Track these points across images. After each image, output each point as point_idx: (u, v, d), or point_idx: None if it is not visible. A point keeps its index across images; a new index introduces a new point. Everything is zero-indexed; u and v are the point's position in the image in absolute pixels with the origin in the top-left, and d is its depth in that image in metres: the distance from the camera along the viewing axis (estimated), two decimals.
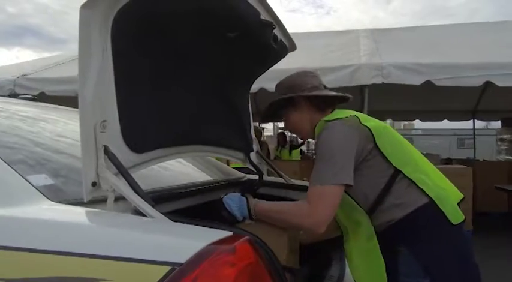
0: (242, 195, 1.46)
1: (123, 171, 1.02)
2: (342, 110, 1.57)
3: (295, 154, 8.81)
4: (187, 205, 1.46)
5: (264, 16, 1.58)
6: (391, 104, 8.31)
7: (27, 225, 0.89)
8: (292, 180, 2.28)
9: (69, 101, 8.56)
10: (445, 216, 1.38)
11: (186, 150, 1.54)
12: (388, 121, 11.85)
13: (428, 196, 1.38)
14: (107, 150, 1.02)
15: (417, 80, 5.50)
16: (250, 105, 2.17)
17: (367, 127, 1.41)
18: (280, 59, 1.98)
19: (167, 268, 0.78)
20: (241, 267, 0.83)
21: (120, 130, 1.11)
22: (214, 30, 1.42)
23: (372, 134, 1.40)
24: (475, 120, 9.78)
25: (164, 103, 1.34)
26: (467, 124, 10.35)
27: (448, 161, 8.97)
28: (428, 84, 5.46)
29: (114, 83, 1.09)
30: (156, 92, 1.29)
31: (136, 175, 1.08)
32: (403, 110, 9.72)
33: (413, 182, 1.39)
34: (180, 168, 1.88)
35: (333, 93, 1.59)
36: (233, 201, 1.43)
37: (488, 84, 5.30)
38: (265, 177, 2.21)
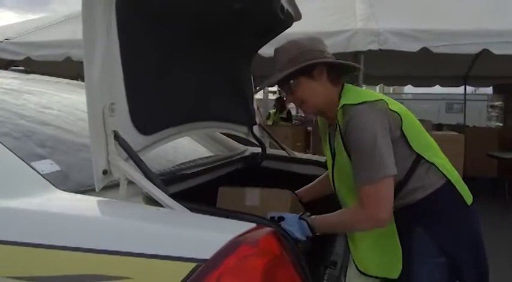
0: (300, 217, 1.40)
1: (135, 158, 0.97)
2: (355, 88, 1.48)
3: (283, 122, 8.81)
4: (195, 184, 1.42)
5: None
6: (384, 69, 8.24)
7: (42, 219, 0.85)
8: (295, 153, 2.26)
9: (56, 65, 8.38)
10: (462, 198, 1.40)
11: (192, 127, 1.49)
12: (378, 86, 11.84)
13: (447, 178, 1.39)
14: (117, 136, 0.97)
15: (414, 47, 5.41)
16: (252, 76, 2.11)
17: (396, 112, 1.34)
18: (285, 29, 1.90)
19: (192, 265, 0.74)
20: (266, 260, 0.80)
21: (129, 112, 1.05)
22: (221, 2, 1.33)
23: (401, 120, 1.34)
24: (467, 86, 9.79)
25: (170, 81, 1.27)
26: (457, 89, 10.39)
27: (439, 127, 9.03)
28: (424, 50, 5.40)
29: (121, 63, 1.02)
30: (162, 70, 1.22)
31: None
32: (395, 75, 9.66)
33: (433, 164, 1.38)
34: (183, 144, 1.83)
35: (352, 63, 1.47)
36: (293, 226, 1.37)
37: (483, 51, 5.26)
38: (268, 150, 2.18)
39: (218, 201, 1.67)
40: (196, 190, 1.47)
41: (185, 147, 1.85)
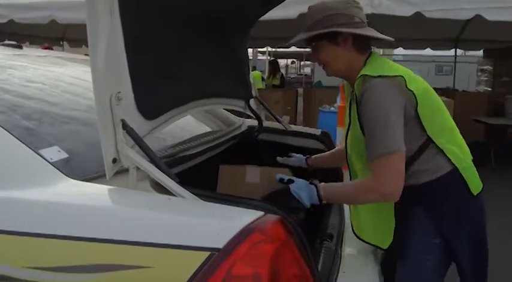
0: (310, 182, 1.41)
1: (144, 147, 0.99)
2: (381, 59, 1.43)
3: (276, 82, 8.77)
4: (197, 162, 1.45)
5: None
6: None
7: (58, 210, 0.87)
8: (291, 126, 2.29)
9: (41, 28, 8.10)
10: (468, 187, 1.40)
11: (192, 106, 1.49)
12: None
13: (454, 165, 1.38)
14: (125, 125, 0.98)
15: (407, 11, 5.38)
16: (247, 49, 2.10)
17: (412, 92, 1.32)
18: (284, 0, 1.88)
19: (206, 254, 0.78)
20: (274, 246, 0.85)
21: (134, 100, 1.05)
22: None
23: (416, 101, 1.32)
24: (457, 50, 9.77)
25: (171, 64, 1.27)
26: (447, 52, 10.36)
27: None
28: (417, 15, 5.36)
29: (125, 49, 1.01)
30: (163, 54, 1.22)
31: None
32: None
33: (442, 150, 1.37)
34: (182, 121, 1.84)
35: (381, 35, 1.41)
36: (301, 189, 1.38)
37: (475, 16, 5.24)
38: (264, 123, 2.21)
39: (219, 178, 1.71)
40: (198, 167, 1.50)
41: (185, 123, 1.86)
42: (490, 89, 8.22)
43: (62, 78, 1.61)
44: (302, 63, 29.98)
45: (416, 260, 1.47)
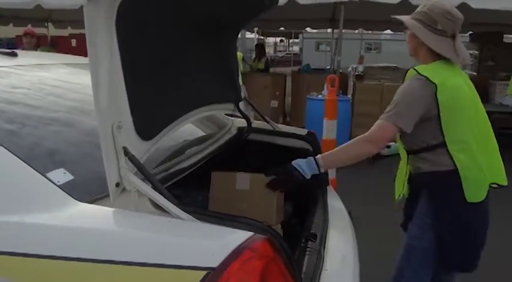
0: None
1: (145, 172, 1.09)
2: (440, 66, 1.72)
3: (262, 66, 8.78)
4: (191, 166, 1.55)
5: None
6: (363, 16, 8.19)
7: (70, 234, 0.97)
8: (278, 125, 2.39)
9: (25, 10, 7.92)
10: (462, 191, 1.65)
11: (185, 118, 1.58)
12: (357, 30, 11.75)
13: (456, 168, 1.66)
14: (126, 152, 1.07)
15: None
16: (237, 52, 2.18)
17: (437, 100, 1.63)
18: (271, 8, 1.95)
19: (203, 272, 0.90)
20: (263, 262, 0.97)
21: (133, 126, 1.14)
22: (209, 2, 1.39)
23: (438, 109, 1.64)
24: None
25: (165, 86, 1.36)
26: None
27: None
28: (404, 2, 5.42)
29: (124, 81, 1.09)
30: (158, 79, 1.30)
31: None
32: (374, 20, 9.57)
33: (450, 154, 1.66)
34: None
35: (451, 56, 1.72)
36: (301, 162, 1.70)
37: (461, 4, 5.31)
38: (253, 123, 2.30)
39: (211, 185, 1.82)
40: (193, 172, 1.61)
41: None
42: (475, 74, 8.35)
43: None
44: (291, 41, 29.78)
45: (414, 236, 1.82)
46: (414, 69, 1.71)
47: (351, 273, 1.65)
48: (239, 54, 7.62)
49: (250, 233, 0.99)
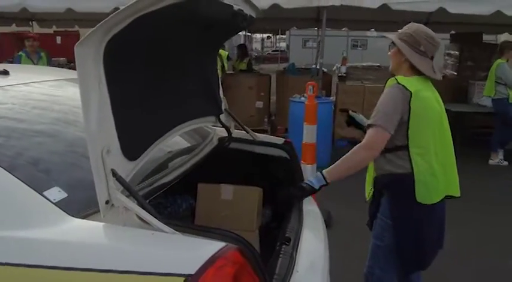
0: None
1: (131, 191, 1.23)
2: (415, 79, 1.96)
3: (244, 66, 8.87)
4: (176, 176, 1.71)
5: (238, 4, 1.68)
6: (347, 16, 8.37)
7: (66, 247, 1.12)
8: (257, 135, 2.54)
9: (8, 20, 7.93)
10: (414, 192, 1.90)
11: (168, 135, 1.73)
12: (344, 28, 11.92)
13: (412, 171, 1.91)
14: (114, 173, 1.22)
15: (374, 3, 5.62)
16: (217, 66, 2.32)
17: (409, 107, 1.89)
18: (247, 27, 2.11)
19: (182, 279, 1.05)
20: (235, 268, 1.13)
21: (121, 149, 1.29)
22: (192, 30, 1.53)
23: (409, 115, 1.89)
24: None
25: (149, 110, 1.50)
26: None
27: None
28: (384, 7, 5.61)
29: (111, 109, 1.24)
30: (143, 105, 1.45)
31: None
32: (359, 19, 9.73)
33: (410, 157, 1.91)
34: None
35: (428, 73, 1.96)
36: (311, 177, 1.98)
37: (439, 9, 5.51)
38: (234, 134, 2.46)
39: (198, 195, 1.98)
40: (178, 181, 1.77)
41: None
42: (455, 74, 8.58)
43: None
44: (278, 37, 29.87)
45: (377, 236, 2.06)
46: (395, 78, 1.97)
47: (320, 274, 1.82)
48: (223, 53, 7.66)
49: (223, 244, 1.15)
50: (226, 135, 2.39)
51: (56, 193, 1.26)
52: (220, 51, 8.33)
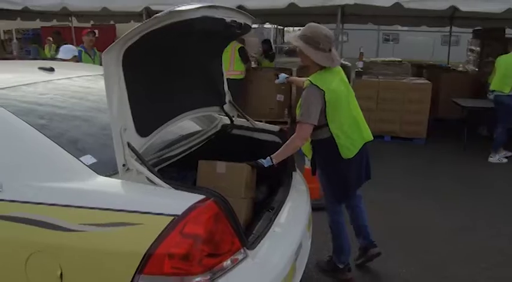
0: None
1: (141, 158, 1.71)
2: (323, 75, 2.62)
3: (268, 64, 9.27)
4: (186, 153, 2.18)
5: (230, 16, 2.11)
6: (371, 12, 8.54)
7: (100, 195, 1.61)
8: (256, 123, 2.98)
9: (50, 16, 8.71)
10: (338, 151, 2.67)
11: (177, 119, 2.22)
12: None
13: (332, 137, 2.65)
14: (129, 145, 1.70)
15: (387, 2, 5.86)
16: (222, 64, 2.77)
17: (324, 100, 2.55)
18: (244, 34, 2.54)
19: (171, 217, 1.52)
20: (211, 213, 1.59)
21: (134, 128, 1.77)
22: (193, 39, 2.00)
23: (325, 105, 2.57)
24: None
25: (159, 99, 1.98)
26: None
27: (419, 68, 9.49)
28: (397, 5, 5.85)
29: (128, 100, 1.72)
30: (153, 94, 1.93)
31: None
32: (382, 14, 9.87)
33: (330, 129, 2.64)
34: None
35: (329, 64, 2.61)
36: (262, 160, 2.56)
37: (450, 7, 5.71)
38: (236, 121, 2.91)
39: (198, 170, 2.46)
40: (187, 157, 2.24)
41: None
42: (476, 69, 8.64)
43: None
44: None
45: (320, 180, 2.94)
46: (308, 80, 2.60)
47: (294, 234, 2.24)
48: (238, 46, 7.74)
49: (203, 196, 1.61)
50: (229, 123, 2.85)
51: (89, 159, 1.76)
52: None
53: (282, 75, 3.45)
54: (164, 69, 2.02)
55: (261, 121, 3.15)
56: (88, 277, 1.56)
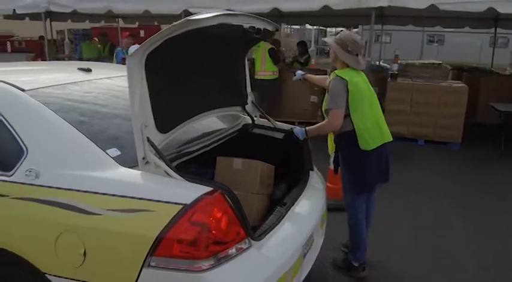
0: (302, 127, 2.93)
1: (159, 152, 1.89)
2: (348, 70, 2.88)
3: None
4: (207, 149, 2.37)
5: (249, 22, 2.25)
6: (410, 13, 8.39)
7: (120, 184, 1.81)
8: (277, 123, 3.10)
9: (98, 17, 9.19)
10: (357, 143, 2.84)
11: (195, 118, 2.39)
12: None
13: (354, 128, 2.83)
14: (149, 140, 1.89)
15: (421, 4, 5.79)
16: (246, 66, 2.92)
17: (348, 90, 2.78)
18: (267, 38, 2.69)
19: (181, 206, 1.69)
20: (216, 205, 1.74)
21: (155, 125, 1.96)
22: (213, 44, 2.17)
23: (348, 96, 2.80)
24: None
25: (177, 98, 2.17)
26: None
27: (459, 71, 9.23)
28: (432, 7, 5.76)
29: (149, 99, 1.91)
30: (173, 94, 2.11)
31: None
32: (423, 15, 9.65)
33: (351, 120, 2.83)
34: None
35: (355, 66, 2.89)
36: (297, 131, 2.89)
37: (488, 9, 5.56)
38: (258, 121, 3.05)
39: (217, 165, 2.63)
40: (207, 154, 2.42)
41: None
42: None
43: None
44: (355, 31, 29.44)
45: (342, 177, 3.05)
46: (334, 72, 2.88)
47: (305, 230, 2.36)
48: (268, 46, 7.74)
49: (211, 188, 1.76)
50: (251, 122, 3.00)
51: (114, 151, 1.96)
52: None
53: (299, 73, 3.59)
54: (184, 71, 2.19)
55: (294, 122, 3.37)
56: (107, 256, 1.76)
